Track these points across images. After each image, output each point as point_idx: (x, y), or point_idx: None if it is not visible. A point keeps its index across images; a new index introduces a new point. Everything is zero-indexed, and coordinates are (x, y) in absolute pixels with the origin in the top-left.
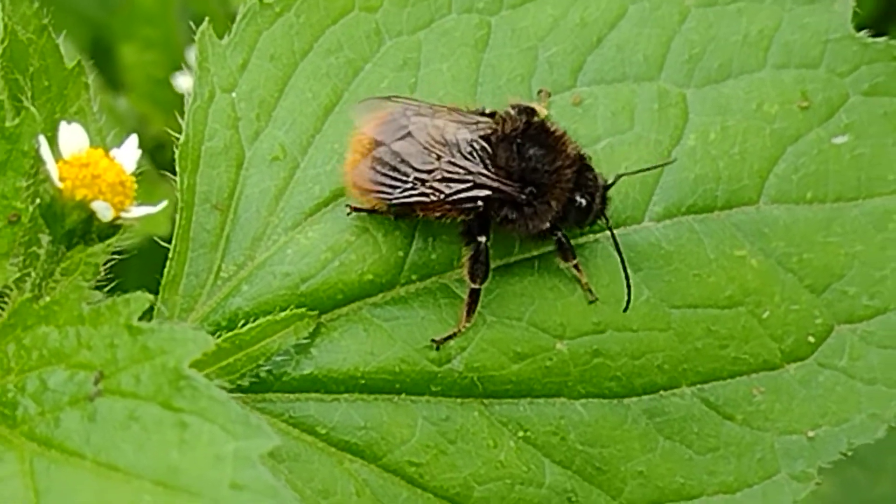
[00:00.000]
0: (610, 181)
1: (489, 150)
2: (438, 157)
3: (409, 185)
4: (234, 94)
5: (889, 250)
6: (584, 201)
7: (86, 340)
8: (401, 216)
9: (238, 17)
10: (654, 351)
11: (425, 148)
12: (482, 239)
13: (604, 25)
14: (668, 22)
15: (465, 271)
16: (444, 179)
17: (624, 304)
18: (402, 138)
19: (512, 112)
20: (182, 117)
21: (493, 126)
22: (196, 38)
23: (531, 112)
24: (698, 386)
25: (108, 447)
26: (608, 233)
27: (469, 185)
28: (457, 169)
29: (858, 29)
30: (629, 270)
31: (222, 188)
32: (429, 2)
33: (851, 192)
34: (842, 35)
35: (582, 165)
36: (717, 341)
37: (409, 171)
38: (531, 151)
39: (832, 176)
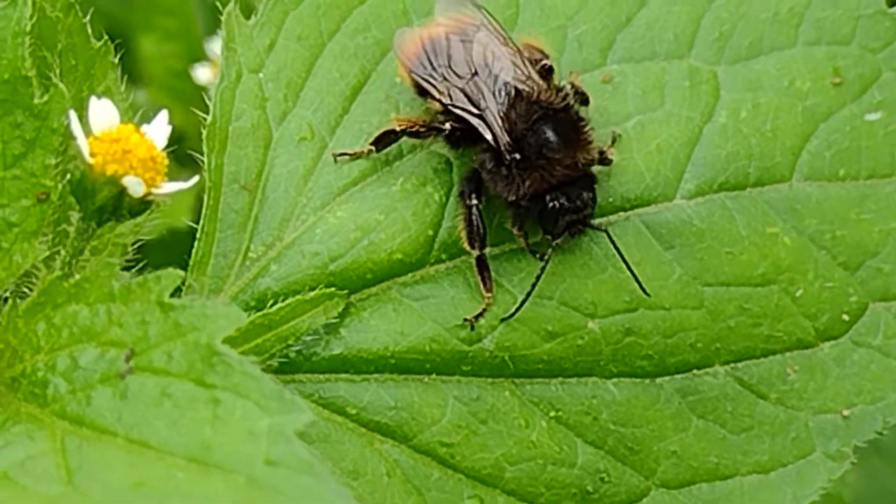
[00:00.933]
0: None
1: (514, 101)
2: (473, 75)
3: (434, 74)
4: (261, 75)
5: None
6: (552, 205)
7: (117, 318)
8: (411, 133)
9: None
10: (687, 329)
11: (470, 60)
12: (473, 201)
13: (633, 3)
14: (697, 0)
15: (463, 238)
16: (461, 91)
17: (657, 283)
18: (461, 41)
19: (564, 87)
20: (203, 108)
21: (536, 86)
22: (223, 18)
23: (580, 99)
24: (731, 365)
25: (140, 424)
26: (640, 210)
27: (474, 111)
28: (476, 94)
29: (891, 5)
30: (661, 247)
31: (250, 168)
32: None
33: (885, 168)
34: (874, 11)
35: (581, 177)
36: (750, 319)
37: (444, 65)
38: (545, 129)
39: (865, 153)
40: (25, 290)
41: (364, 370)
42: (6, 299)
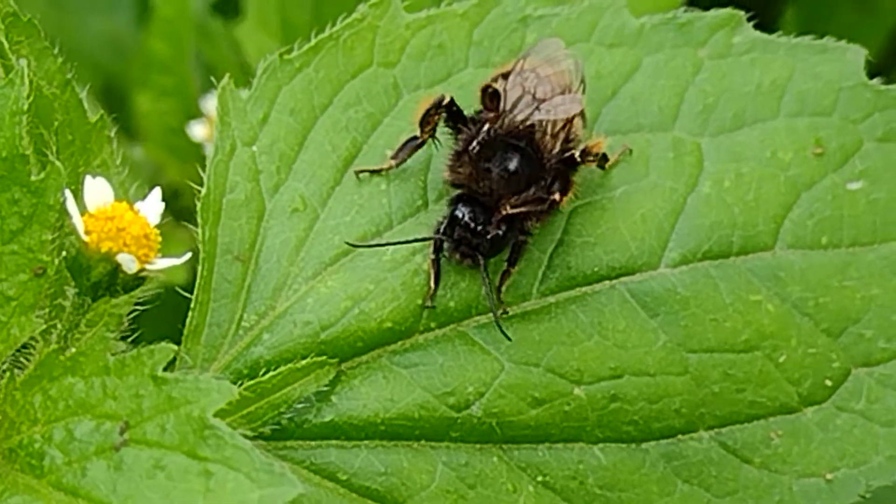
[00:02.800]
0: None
1: (518, 124)
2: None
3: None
4: (254, 148)
5: None
6: (457, 213)
7: (111, 391)
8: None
9: (258, 72)
10: (672, 395)
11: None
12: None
13: (619, 77)
14: (681, 73)
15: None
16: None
17: (642, 350)
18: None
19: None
20: (199, 167)
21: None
22: (217, 92)
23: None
24: (716, 430)
25: (134, 496)
26: (625, 279)
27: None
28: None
29: (870, 76)
30: (646, 315)
31: (244, 239)
32: (446, 56)
33: (867, 236)
34: (855, 83)
35: (504, 218)
36: (734, 385)
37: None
38: (513, 160)
39: (847, 221)
40: (23, 361)
41: (355, 436)
42: (4, 372)
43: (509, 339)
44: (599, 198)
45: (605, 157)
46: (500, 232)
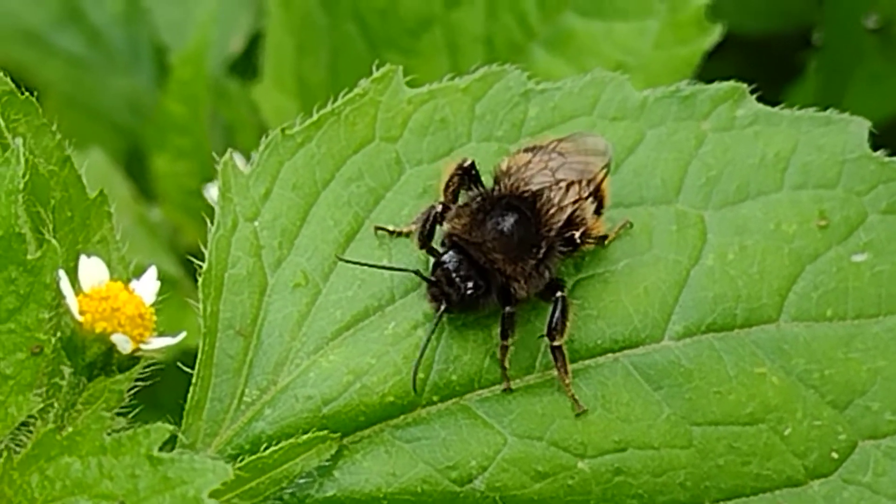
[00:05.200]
0: None
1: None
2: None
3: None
4: (256, 223)
5: None
6: (443, 260)
7: (108, 471)
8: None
9: (260, 148)
10: (676, 468)
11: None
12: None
13: (621, 150)
14: (685, 146)
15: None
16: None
17: (646, 423)
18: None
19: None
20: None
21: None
22: (219, 168)
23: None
24: (721, 503)
25: None
26: (628, 352)
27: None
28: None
29: (875, 148)
30: (650, 387)
31: (245, 314)
32: (448, 131)
33: (872, 308)
34: (859, 155)
35: (488, 274)
36: (739, 458)
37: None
38: (509, 222)
39: (852, 293)
40: (22, 440)
41: None
42: (2, 451)
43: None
44: (602, 271)
45: (604, 238)
46: (472, 291)
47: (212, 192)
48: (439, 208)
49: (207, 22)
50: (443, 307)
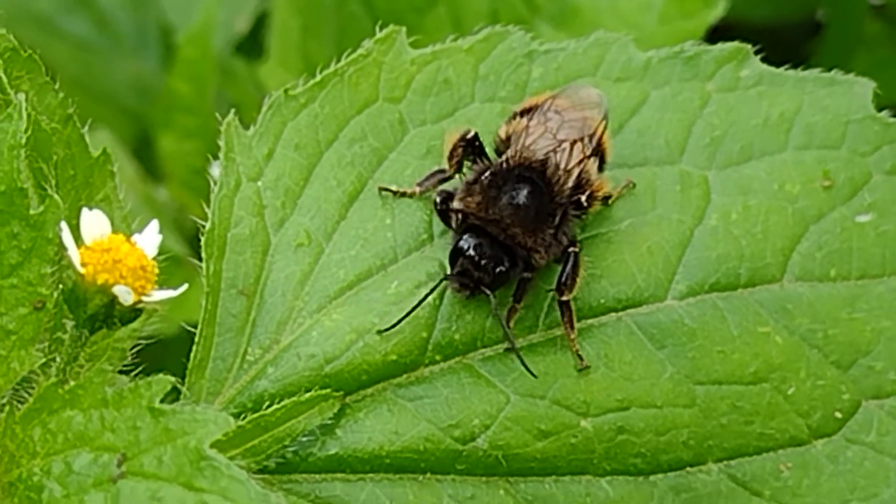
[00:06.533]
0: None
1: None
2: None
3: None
4: (259, 183)
5: None
6: (461, 245)
7: (109, 423)
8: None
9: (263, 109)
10: (679, 427)
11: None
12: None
13: (625, 112)
14: (689, 107)
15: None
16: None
17: (649, 382)
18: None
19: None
20: (205, 203)
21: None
22: (222, 129)
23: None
24: (725, 462)
25: None
26: (631, 311)
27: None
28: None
29: (879, 109)
30: (653, 347)
31: (248, 274)
32: (452, 92)
33: (876, 269)
34: (863, 115)
35: (510, 250)
36: (742, 417)
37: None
38: (523, 193)
39: (856, 253)
40: (24, 395)
41: (359, 470)
42: (4, 406)
43: (534, 375)
44: (605, 231)
45: (608, 197)
46: (505, 267)
47: (216, 172)
48: (447, 174)
49: (213, 1)
50: (491, 297)
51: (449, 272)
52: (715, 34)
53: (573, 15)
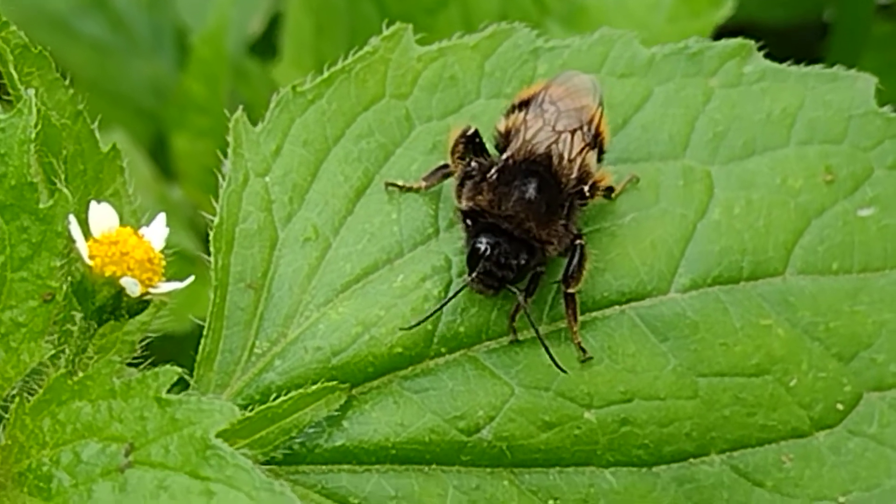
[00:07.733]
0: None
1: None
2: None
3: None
4: (267, 179)
5: None
6: (479, 247)
7: (117, 413)
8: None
9: (271, 105)
10: (682, 419)
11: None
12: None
13: (629, 107)
14: (692, 102)
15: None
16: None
17: (652, 374)
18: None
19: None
20: (214, 199)
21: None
22: (230, 125)
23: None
24: (727, 453)
25: None
26: (635, 304)
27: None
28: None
29: (882, 105)
30: (656, 339)
31: (256, 268)
32: (458, 88)
33: (878, 262)
34: (865, 111)
35: (525, 243)
36: (744, 409)
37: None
38: (532, 186)
39: (858, 247)
40: (34, 387)
41: (366, 461)
42: (14, 397)
43: (564, 371)
44: (609, 224)
45: (611, 189)
46: (524, 260)
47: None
48: (450, 170)
49: (227, 2)
50: (519, 294)
51: (468, 274)
52: (728, 36)
53: (582, 15)
